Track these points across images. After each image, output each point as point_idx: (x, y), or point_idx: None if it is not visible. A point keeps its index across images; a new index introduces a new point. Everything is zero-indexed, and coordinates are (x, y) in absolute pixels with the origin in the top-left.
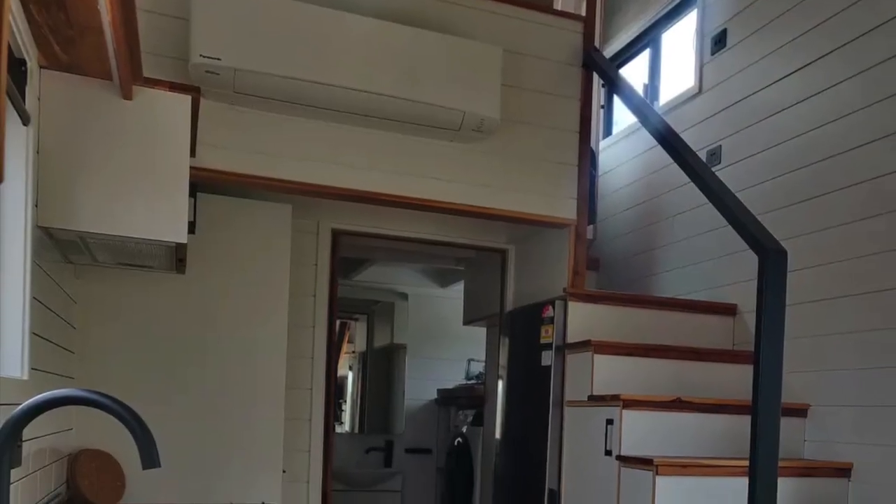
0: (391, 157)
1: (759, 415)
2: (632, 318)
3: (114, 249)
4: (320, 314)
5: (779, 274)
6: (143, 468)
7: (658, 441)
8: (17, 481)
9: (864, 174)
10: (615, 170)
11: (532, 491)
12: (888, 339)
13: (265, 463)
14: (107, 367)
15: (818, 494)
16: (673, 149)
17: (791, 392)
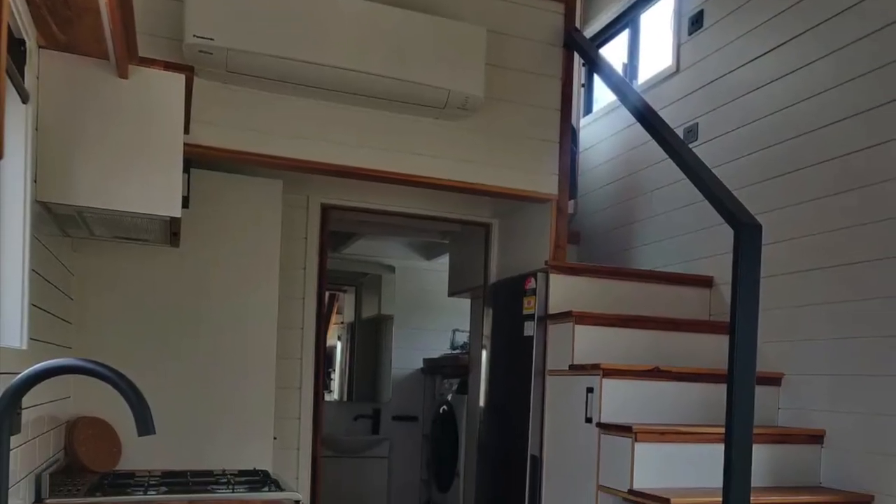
0: (379, 134)
1: (735, 383)
2: (611, 290)
3: (110, 223)
4: (310, 286)
5: (753, 247)
6: (138, 435)
7: (637, 409)
8: (17, 447)
9: (836, 151)
10: (595, 146)
11: (514, 457)
12: (859, 309)
13: (257, 430)
14: (103, 337)
15: (792, 460)
16: (651, 126)
17: (765, 361)
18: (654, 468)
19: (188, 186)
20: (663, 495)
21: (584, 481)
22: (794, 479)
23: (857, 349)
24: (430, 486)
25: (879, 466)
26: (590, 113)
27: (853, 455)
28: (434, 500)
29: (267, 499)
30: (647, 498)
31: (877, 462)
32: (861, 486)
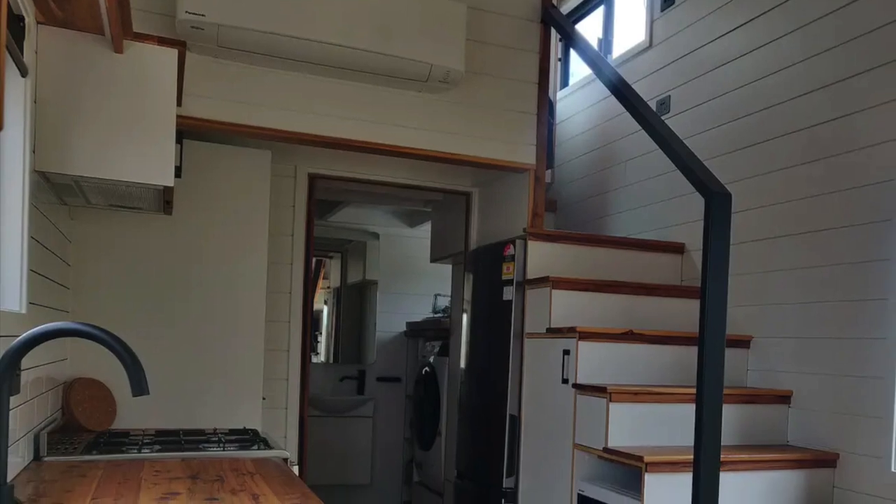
0: (364, 107)
1: (706, 346)
2: (587, 256)
3: (106, 192)
4: (297, 252)
5: (724, 215)
6: (132, 395)
7: (611, 370)
8: (16, 407)
9: (803, 122)
10: (572, 118)
11: (494, 416)
12: (825, 274)
13: (246, 390)
14: (99, 302)
15: (760, 419)
16: (625, 99)
17: (735, 324)
18: (628, 427)
19: (181, 157)
20: (637, 453)
21: (560, 440)
22: (762, 437)
23: (824, 313)
24: (413, 445)
25: (844, 426)
26: (566, 86)
27: (819, 415)
28: (417, 457)
29: (256, 457)
30: (621, 456)
31: (842, 421)
32: (827, 444)
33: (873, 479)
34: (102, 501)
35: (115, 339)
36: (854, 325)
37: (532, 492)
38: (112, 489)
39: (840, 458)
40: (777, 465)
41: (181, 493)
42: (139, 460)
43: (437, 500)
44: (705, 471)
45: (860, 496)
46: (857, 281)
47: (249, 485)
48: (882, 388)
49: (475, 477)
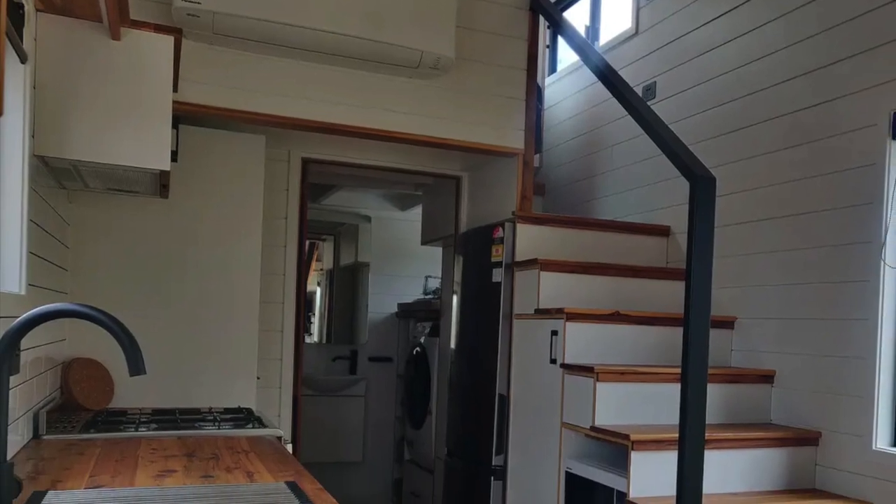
0: (356, 92)
1: (691, 326)
2: (574, 239)
3: (104, 176)
4: (291, 235)
5: (708, 198)
6: (129, 375)
7: (598, 350)
8: (16, 387)
9: (786, 108)
10: (559, 104)
11: (483, 396)
12: (807, 257)
13: (241, 370)
14: (97, 283)
15: (744, 398)
16: (612, 85)
17: (719, 306)
18: (615, 406)
19: (177, 141)
20: (623, 431)
21: (548, 418)
22: (746, 416)
23: (806, 294)
24: (404, 424)
25: (826, 405)
26: (554, 72)
27: (801, 394)
28: (408, 436)
29: (251, 435)
30: (608, 434)
31: (823, 400)
32: (809, 423)
33: (855, 457)
34: (100, 479)
35: (112, 320)
36: (836, 306)
37: (520, 469)
38: (110, 467)
39: (822, 437)
40: (760, 444)
41: (177, 470)
42: (136, 438)
43: (427, 477)
44: (690, 449)
45: (842, 474)
46: (839, 263)
47: (244, 462)
48: (863, 368)
49: (465, 455)
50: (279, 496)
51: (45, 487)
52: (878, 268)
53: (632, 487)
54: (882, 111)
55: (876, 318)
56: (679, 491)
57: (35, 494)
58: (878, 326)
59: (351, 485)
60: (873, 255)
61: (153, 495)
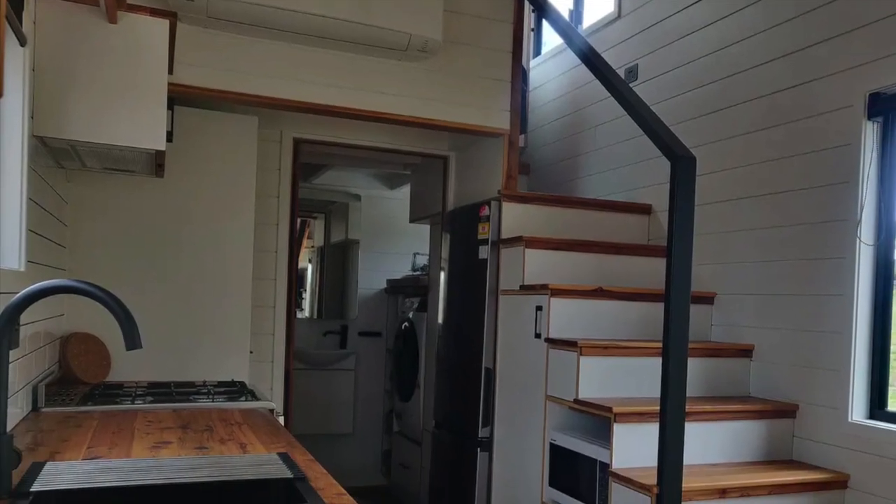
0: (346, 75)
1: (671, 302)
2: (558, 217)
3: (101, 156)
4: (283, 213)
5: (689, 177)
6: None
7: (582, 325)
8: (15, 361)
9: (764, 89)
10: (544, 85)
11: (470, 369)
12: (785, 234)
13: (234, 344)
14: (94, 260)
15: (723, 372)
16: (595, 67)
17: (700, 282)
18: (598, 379)
19: (172, 122)
20: (606, 404)
21: (533, 391)
22: (725, 389)
23: (784, 271)
24: (393, 396)
25: (803, 378)
26: (539, 55)
27: (779, 367)
28: (396, 408)
29: (244, 407)
30: (591, 407)
31: (801, 374)
32: (786, 395)
33: (831, 428)
34: (98, 450)
35: (109, 296)
36: (812, 282)
37: (506, 441)
38: (107, 438)
39: (799, 409)
40: (739, 416)
41: (172, 442)
42: (132, 411)
43: (415, 448)
44: (671, 421)
45: (818, 445)
46: (816, 240)
47: (237, 434)
48: (839, 343)
49: (452, 427)
50: (271, 467)
51: (44, 458)
52: (853, 245)
53: (614, 458)
54: (858, 93)
55: (852, 293)
56: (660, 462)
57: (34, 465)
58: (854, 302)
59: (341, 456)
60: (849, 233)
61: (149, 466)
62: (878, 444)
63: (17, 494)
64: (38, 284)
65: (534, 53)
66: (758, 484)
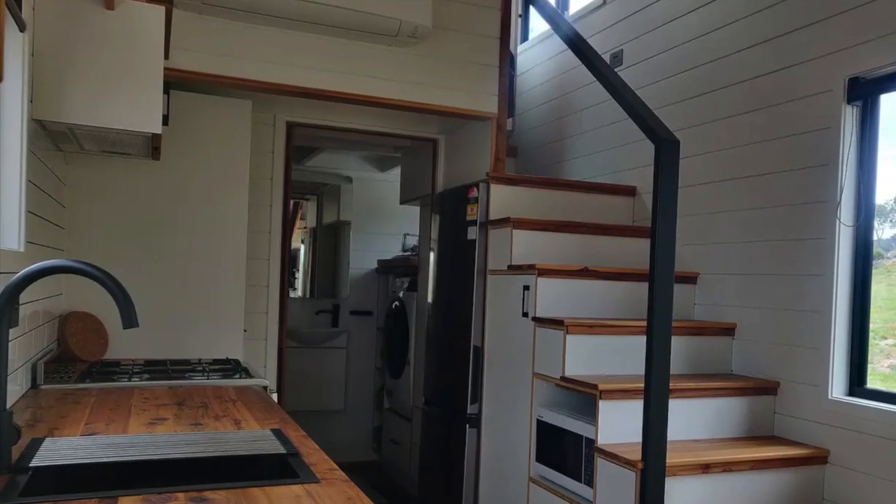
0: (338, 59)
1: (656, 281)
2: (545, 199)
3: (98, 138)
4: (276, 195)
5: (672, 160)
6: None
7: (568, 304)
8: (15, 339)
9: (746, 74)
10: (531, 70)
11: (459, 347)
12: (767, 215)
13: (229, 323)
14: (92, 241)
15: (706, 350)
16: (581, 52)
17: (683, 262)
18: (584, 357)
19: (167, 106)
20: (592, 381)
21: (521, 369)
22: (708, 367)
23: (765, 251)
24: (384, 373)
25: (784, 356)
26: (526, 40)
27: (761, 346)
28: (387, 385)
29: (238, 385)
30: (577, 384)
31: (782, 352)
32: (768, 373)
33: (811, 405)
34: (95, 426)
35: (106, 276)
36: (793, 262)
37: (494, 417)
38: (104, 415)
39: (780, 386)
40: (722, 393)
41: (168, 418)
42: (129, 388)
43: (405, 425)
44: (655, 398)
45: (799, 421)
46: (797, 221)
47: (232, 411)
48: (819, 321)
49: (441, 403)
50: (265, 443)
51: (43, 434)
52: (833, 226)
53: (600, 434)
54: (837, 77)
55: (831, 273)
56: (645, 438)
57: (33, 441)
58: (834, 281)
59: (333, 432)
60: (829, 214)
61: (145, 442)
62: (857, 421)
63: (16, 469)
64: (37, 264)
65: (521, 39)
66: (740, 459)
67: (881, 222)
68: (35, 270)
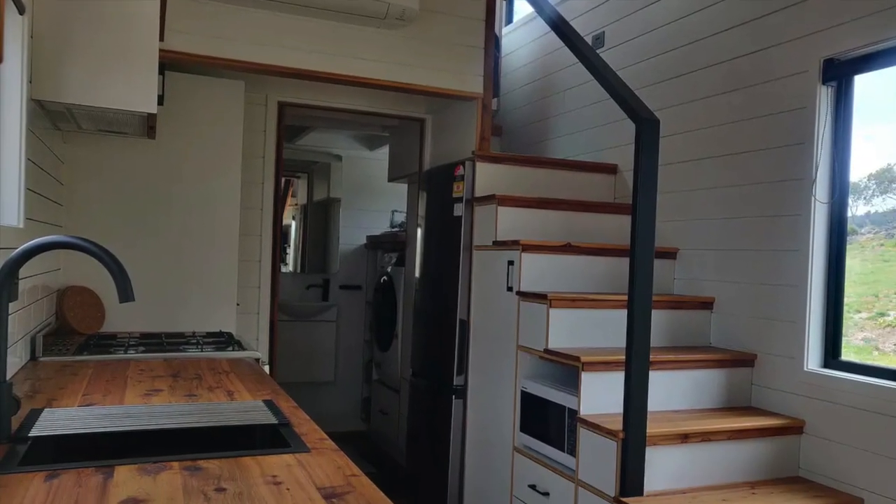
0: (328, 41)
1: (636, 257)
2: (529, 176)
3: (95, 118)
4: (268, 172)
5: (652, 139)
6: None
7: (551, 279)
8: (14, 313)
9: (724, 55)
10: (516, 52)
11: (445, 321)
12: (744, 193)
13: (222, 297)
14: (90, 217)
15: (685, 323)
16: (564, 34)
17: (663, 237)
18: (566, 330)
19: (163, 86)
20: (574, 353)
21: (505, 342)
22: (687, 340)
23: (743, 227)
24: (373, 346)
25: (761, 329)
26: (511, 23)
27: (738, 319)
28: (376, 358)
29: (231, 357)
30: (560, 356)
31: (759, 325)
32: (745, 345)
33: (787, 377)
34: (93, 397)
35: (103, 251)
36: (770, 238)
37: (480, 389)
38: (101, 386)
39: (757, 358)
40: (700, 365)
41: (163, 389)
42: (125, 360)
43: (393, 396)
44: (636, 369)
45: (775, 392)
46: (773, 198)
47: (225, 382)
48: (795, 295)
49: (428, 375)
50: (257, 413)
51: (42, 405)
52: (809, 203)
53: (582, 405)
54: (813, 58)
55: (807, 249)
56: (626, 408)
57: (32, 412)
58: (809, 257)
59: (323, 403)
60: (805, 192)
61: (141, 413)
62: (832, 392)
63: (16, 439)
64: (36, 240)
65: (506, 21)
66: (718, 429)
67: (855, 199)
68: (34, 246)
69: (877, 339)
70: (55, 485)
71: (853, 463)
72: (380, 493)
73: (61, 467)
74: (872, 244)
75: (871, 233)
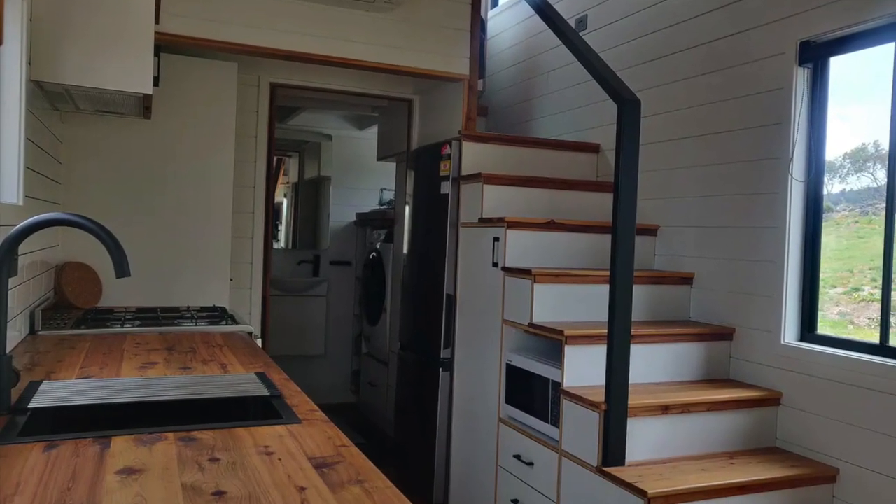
0: (319, 24)
1: (618, 233)
2: (514, 155)
3: (93, 99)
4: (260, 151)
5: (634, 119)
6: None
7: (536, 255)
8: (14, 288)
9: (704, 38)
10: (501, 34)
11: (432, 295)
12: (723, 171)
13: (216, 272)
14: (87, 195)
15: (666, 298)
16: (548, 17)
17: (644, 215)
18: (550, 305)
19: (158, 68)
20: (558, 327)
21: (491, 316)
22: (668, 314)
23: (722, 205)
24: (362, 320)
25: (739, 303)
26: (496, 6)
27: (717, 294)
28: (365, 331)
29: (224, 331)
30: (544, 330)
31: (737, 300)
32: (724, 320)
33: (764, 350)
34: (90, 370)
35: (100, 228)
36: (748, 215)
37: (466, 362)
38: (98, 359)
39: (736, 332)
40: (680, 338)
41: (159, 362)
42: (122, 334)
43: (382, 368)
44: (618, 343)
45: (753, 365)
46: (751, 177)
47: (218, 355)
48: (772, 271)
49: (416, 348)
50: (250, 385)
51: (41, 378)
52: (786, 181)
53: (565, 378)
54: (790, 41)
55: (784, 225)
56: (608, 381)
57: (31, 384)
58: (786, 233)
59: (314, 375)
60: (782, 170)
61: (137, 385)
62: (808, 365)
63: (15, 411)
64: (35, 217)
65: (492, 4)
66: (697, 401)
67: (830, 178)
68: (33, 223)
69: (851, 313)
70: (54, 455)
71: (829, 434)
72: (369, 463)
73: (60, 438)
74: (847, 221)
75: (846, 210)
